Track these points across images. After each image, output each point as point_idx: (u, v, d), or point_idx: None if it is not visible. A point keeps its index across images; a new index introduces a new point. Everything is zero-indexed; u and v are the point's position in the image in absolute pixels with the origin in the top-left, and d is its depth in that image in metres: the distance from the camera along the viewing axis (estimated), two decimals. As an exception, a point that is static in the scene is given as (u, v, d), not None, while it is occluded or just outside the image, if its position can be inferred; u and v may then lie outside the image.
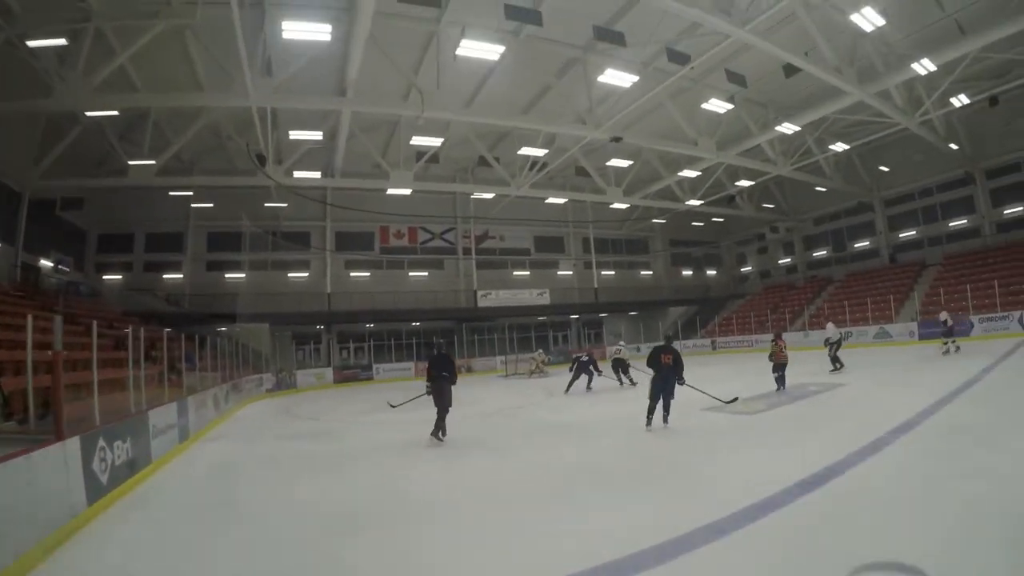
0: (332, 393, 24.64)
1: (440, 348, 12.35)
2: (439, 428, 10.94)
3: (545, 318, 41.07)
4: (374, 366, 30.77)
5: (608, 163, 29.00)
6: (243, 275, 33.18)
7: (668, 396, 10.69)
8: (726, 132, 26.39)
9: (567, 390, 18.68)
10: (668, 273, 48.51)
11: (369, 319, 34.54)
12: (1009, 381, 12.91)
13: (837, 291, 37.95)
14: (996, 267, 30.02)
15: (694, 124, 25.52)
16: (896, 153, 35.02)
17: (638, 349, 37.66)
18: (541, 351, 29.72)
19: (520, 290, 38.60)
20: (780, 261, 47.32)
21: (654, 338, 40.49)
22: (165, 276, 31.94)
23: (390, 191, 27.72)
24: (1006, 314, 25.17)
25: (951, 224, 35.13)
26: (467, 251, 38.15)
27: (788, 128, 24.61)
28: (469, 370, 32.56)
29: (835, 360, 18.19)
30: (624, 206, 37.03)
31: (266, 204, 31.29)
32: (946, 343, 19.76)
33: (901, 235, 37.90)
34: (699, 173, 30.72)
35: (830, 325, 19.87)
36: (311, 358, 33.78)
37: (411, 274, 37.06)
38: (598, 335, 43.83)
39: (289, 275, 34.24)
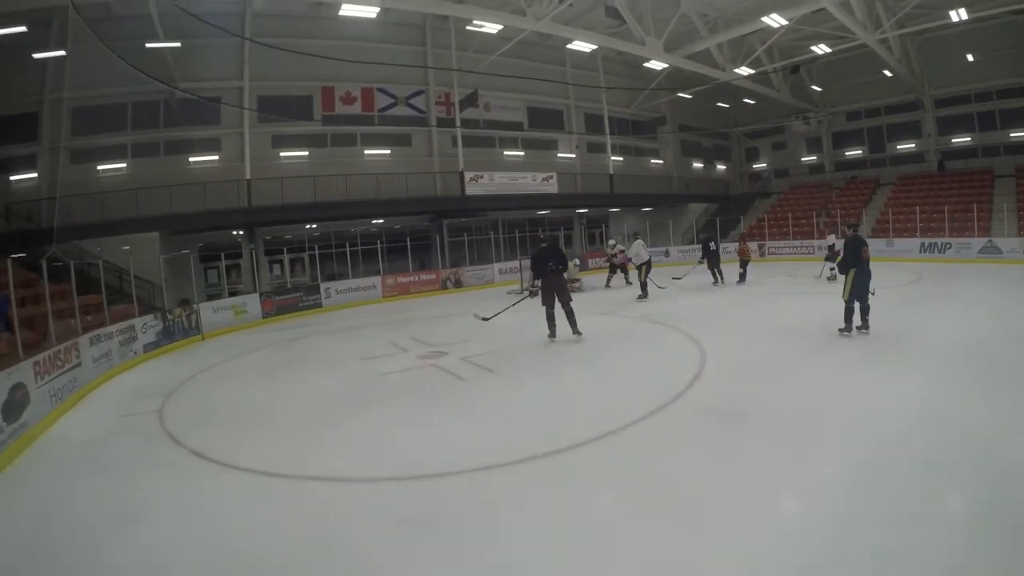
0: (262, 340, 14.27)
1: (549, 240, 11.72)
2: (555, 327, 10.86)
3: (548, 212, 31.74)
4: (322, 286, 20.47)
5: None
6: (124, 164, 22.14)
7: (866, 297, 9.81)
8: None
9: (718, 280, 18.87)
10: (678, 164, 39.57)
11: (310, 216, 23.78)
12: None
13: (897, 194, 31.71)
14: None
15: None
16: (952, 49, 31.06)
17: (667, 254, 29.51)
18: (614, 241, 22.05)
19: (519, 174, 28.63)
20: (803, 159, 40.54)
21: (680, 239, 32.44)
22: (14, 178, 20.75)
23: (345, 11, 17.85)
24: None
25: (1012, 135, 31.02)
26: (443, 122, 27.72)
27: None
28: (457, 284, 23.30)
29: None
30: (660, 66, 27.48)
31: (148, 46, 20.20)
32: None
33: (954, 140, 33.41)
34: (785, 23, 22.55)
35: (832, 236, 18.74)
36: (226, 281, 22.94)
37: (367, 152, 26.33)
38: (600, 235, 34.76)
39: (191, 159, 23.03)
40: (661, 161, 38.95)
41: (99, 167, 21.82)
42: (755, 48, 27.44)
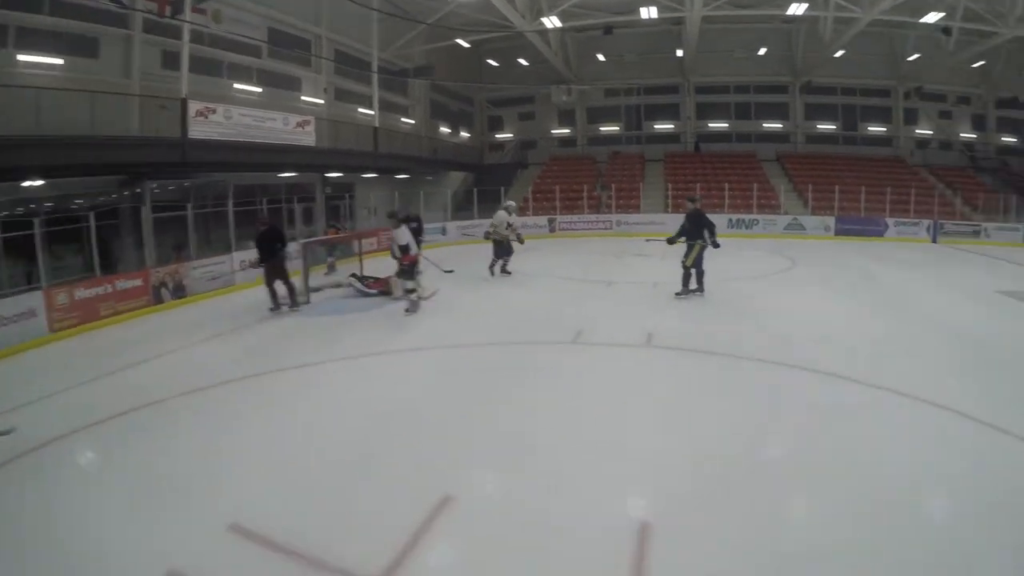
0: None
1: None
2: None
3: (295, 175, 23.47)
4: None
5: None
6: None
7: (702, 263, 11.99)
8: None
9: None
10: (427, 126, 34.20)
11: None
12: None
13: (672, 171, 32.97)
14: (844, 172, 31.12)
15: None
16: (720, 43, 33.06)
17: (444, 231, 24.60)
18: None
19: (267, 113, 20.03)
20: (554, 131, 39.11)
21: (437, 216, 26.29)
22: None
23: None
24: (917, 220, 26.39)
25: (766, 125, 35.92)
26: (154, 26, 18.03)
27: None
28: (179, 292, 14.51)
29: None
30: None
31: None
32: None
33: (711, 124, 36.53)
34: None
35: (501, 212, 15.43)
36: None
37: (23, 59, 15.66)
38: (346, 208, 27.16)
39: None
40: (412, 120, 32.93)
41: None
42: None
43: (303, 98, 25.09)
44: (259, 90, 22.91)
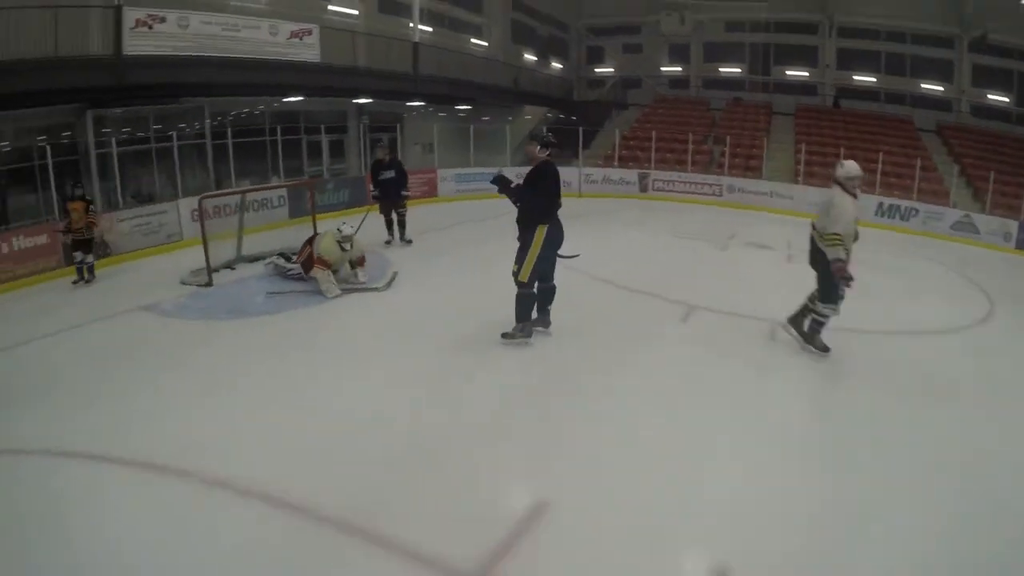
0: None
1: None
2: None
3: (302, 98, 19.02)
4: None
5: None
6: None
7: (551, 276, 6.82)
8: None
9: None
10: (506, 52, 29.05)
11: None
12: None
13: (806, 129, 25.47)
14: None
15: None
16: None
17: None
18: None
19: (247, 20, 15.45)
20: (664, 68, 32.26)
21: (498, 161, 20.84)
22: None
23: None
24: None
25: (924, 86, 27.73)
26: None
27: None
28: (103, 251, 10.88)
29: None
30: None
31: None
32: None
33: (855, 76, 28.88)
34: None
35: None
36: None
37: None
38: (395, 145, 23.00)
39: None
40: (485, 43, 28.33)
41: None
42: None
43: (330, 7, 20.43)
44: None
